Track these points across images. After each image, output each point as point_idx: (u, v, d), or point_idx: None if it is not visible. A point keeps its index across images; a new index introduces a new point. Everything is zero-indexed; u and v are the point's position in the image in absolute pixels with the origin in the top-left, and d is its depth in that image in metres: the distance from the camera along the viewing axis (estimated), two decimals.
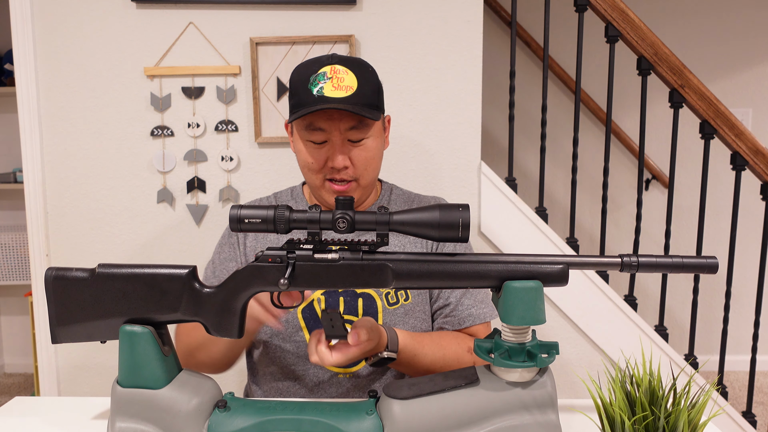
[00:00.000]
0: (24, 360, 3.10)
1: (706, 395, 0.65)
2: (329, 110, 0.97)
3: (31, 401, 0.93)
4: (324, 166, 1.02)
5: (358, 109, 0.96)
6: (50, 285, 0.77)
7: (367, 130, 1.01)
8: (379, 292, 1.07)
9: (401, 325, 1.06)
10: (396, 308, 1.06)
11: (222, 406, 0.77)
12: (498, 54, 2.78)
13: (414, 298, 1.08)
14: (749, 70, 3.00)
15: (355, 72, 1.00)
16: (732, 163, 1.81)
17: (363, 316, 1.06)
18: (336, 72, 0.99)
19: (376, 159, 1.05)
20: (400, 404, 0.75)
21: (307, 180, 1.08)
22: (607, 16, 1.70)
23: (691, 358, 1.86)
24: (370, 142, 1.03)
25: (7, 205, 2.96)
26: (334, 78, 0.98)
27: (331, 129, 0.99)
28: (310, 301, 1.06)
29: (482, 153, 1.66)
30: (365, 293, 1.06)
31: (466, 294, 1.10)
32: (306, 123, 1.00)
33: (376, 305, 1.06)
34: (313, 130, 1.00)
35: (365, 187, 1.07)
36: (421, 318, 1.09)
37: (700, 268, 0.74)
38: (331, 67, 1.00)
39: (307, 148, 1.03)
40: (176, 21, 1.60)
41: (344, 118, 0.98)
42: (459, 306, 1.09)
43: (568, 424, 0.83)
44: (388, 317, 1.06)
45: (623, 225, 3.06)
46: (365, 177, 1.05)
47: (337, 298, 1.06)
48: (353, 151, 1.01)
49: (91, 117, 1.63)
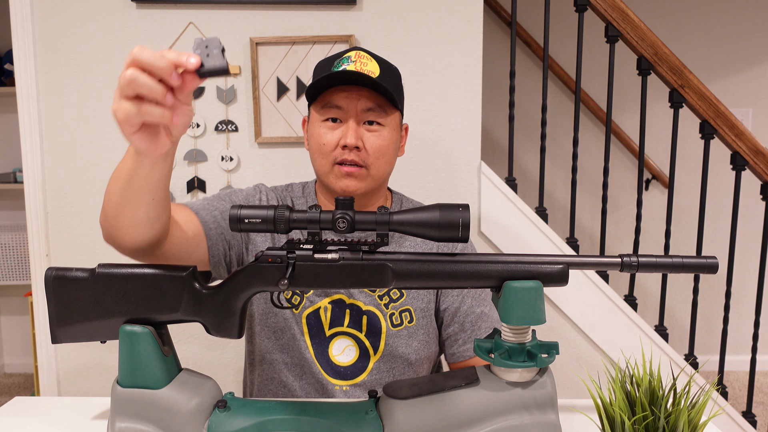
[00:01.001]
0: (24, 360, 3.10)
1: (706, 395, 0.65)
2: (348, 89, 0.98)
3: (31, 401, 0.93)
4: (336, 147, 0.99)
5: (378, 87, 0.96)
6: (50, 285, 0.77)
7: (384, 116, 1.00)
8: (384, 313, 1.04)
9: (404, 348, 1.05)
10: (400, 330, 1.05)
11: (222, 406, 0.77)
12: (498, 54, 2.78)
13: (418, 321, 1.06)
14: (749, 70, 3.00)
15: (378, 62, 1.01)
16: (732, 163, 1.81)
17: (367, 332, 1.04)
18: (360, 57, 1.00)
19: (389, 152, 1.03)
20: (400, 404, 0.74)
21: (318, 166, 1.03)
22: (607, 16, 1.71)
23: (691, 358, 1.86)
24: (386, 133, 1.01)
25: (7, 205, 2.96)
26: (358, 62, 0.99)
27: (348, 107, 0.98)
28: (316, 308, 1.04)
29: (482, 153, 1.66)
30: (370, 311, 1.04)
31: (481, 317, 1.07)
32: (324, 101, 1.00)
33: (380, 324, 1.04)
34: (330, 108, 0.99)
35: (375, 180, 1.02)
36: (424, 341, 1.07)
37: (700, 268, 0.74)
38: (357, 52, 1.01)
39: (321, 129, 1.01)
40: (176, 21, 1.60)
41: (362, 98, 0.98)
42: (477, 331, 1.07)
43: (568, 424, 0.83)
44: (392, 339, 1.04)
45: (623, 225, 3.07)
46: (376, 167, 1.01)
47: (344, 311, 1.04)
48: (367, 135, 1.00)
49: (91, 117, 1.63)
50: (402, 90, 1.06)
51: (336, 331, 1.04)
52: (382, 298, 1.04)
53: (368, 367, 1.04)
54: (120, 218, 0.78)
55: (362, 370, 1.04)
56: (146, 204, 0.76)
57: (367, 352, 1.04)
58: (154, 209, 0.77)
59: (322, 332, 1.04)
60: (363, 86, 0.98)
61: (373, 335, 1.04)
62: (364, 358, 1.04)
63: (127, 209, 0.77)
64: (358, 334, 1.04)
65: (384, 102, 1.00)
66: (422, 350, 1.07)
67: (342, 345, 1.04)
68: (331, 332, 1.04)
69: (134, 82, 0.62)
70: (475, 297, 1.08)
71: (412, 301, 1.06)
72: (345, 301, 1.04)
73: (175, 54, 0.63)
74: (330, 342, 1.04)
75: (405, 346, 1.05)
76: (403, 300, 1.05)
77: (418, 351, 1.06)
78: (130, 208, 0.76)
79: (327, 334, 1.04)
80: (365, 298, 1.04)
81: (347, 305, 1.04)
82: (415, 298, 1.06)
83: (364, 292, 1.04)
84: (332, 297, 1.04)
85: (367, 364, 1.04)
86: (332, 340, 1.04)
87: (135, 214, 0.77)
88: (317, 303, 1.04)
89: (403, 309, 1.05)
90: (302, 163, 1.65)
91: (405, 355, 1.05)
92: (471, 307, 1.07)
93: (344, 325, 1.04)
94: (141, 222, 0.77)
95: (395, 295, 1.05)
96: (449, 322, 1.08)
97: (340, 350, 1.04)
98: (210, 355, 1.72)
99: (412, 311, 1.05)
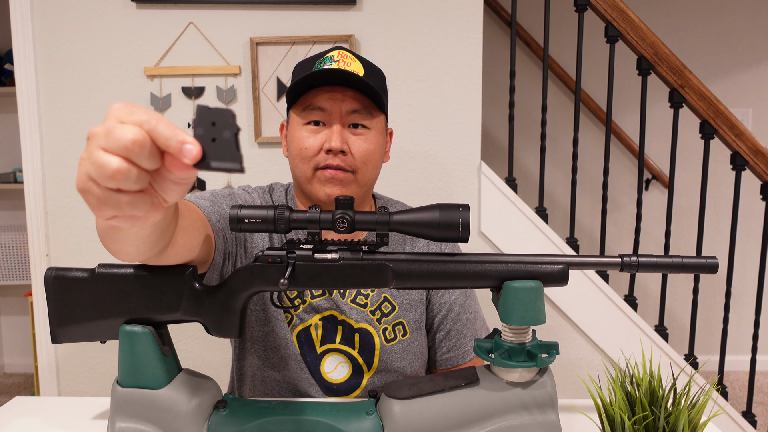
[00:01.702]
0: (24, 360, 3.10)
1: (706, 395, 0.65)
2: (331, 90, 0.93)
3: (31, 401, 0.93)
4: (319, 151, 0.94)
5: (365, 86, 0.91)
6: (50, 285, 0.77)
7: (370, 119, 0.96)
8: (377, 329, 1.01)
9: (399, 362, 1.02)
10: (394, 344, 1.02)
11: (222, 406, 0.77)
12: (498, 54, 2.78)
13: (412, 334, 1.04)
14: (749, 70, 3.00)
15: (362, 63, 0.97)
16: (732, 163, 1.81)
17: (360, 349, 1.01)
18: (343, 57, 0.96)
19: (376, 156, 0.98)
20: (400, 404, 0.74)
21: (298, 173, 0.97)
22: (607, 16, 1.71)
23: (691, 358, 1.86)
24: (373, 136, 0.97)
25: (7, 205, 2.96)
26: (341, 61, 0.94)
27: (332, 109, 0.94)
28: (306, 326, 1.01)
29: (482, 153, 1.66)
30: (362, 328, 1.01)
31: (467, 325, 1.06)
32: (305, 103, 0.95)
33: (373, 341, 1.01)
34: (312, 110, 0.94)
35: (361, 186, 0.98)
36: (418, 353, 1.05)
37: (700, 268, 0.74)
38: (340, 52, 0.97)
39: (302, 133, 0.95)
40: (176, 21, 1.60)
41: (347, 99, 0.94)
42: (462, 339, 1.06)
43: (568, 424, 0.83)
44: (386, 355, 1.02)
45: (623, 225, 3.07)
46: (363, 172, 0.96)
47: (335, 328, 1.01)
48: (353, 139, 0.95)
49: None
50: (386, 92, 1.02)
51: (328, 348, 1.01)
52: (374, 313, 1.02)
53: (362, 384, 1.01)
54: (107, 245, 0.66)
55: (356, 387, 1.02)
56: (136, 246, 0.63)
57: (361, 369, 1.02)
58: (149, 247, 0.64)
59: (314, 350, 1.01)
60: (347, 87, 0.94)
61: (366, 352, 1.01)
62: (357, 375, 1.02)
63: (112, 246, 0.65)
64: (351, 351, 1.01)
65: (369, 104, 0.96)
66: (416, 362, 1.05)
67: (334, 362, 1.01)
68: (323, 349, 1.01)
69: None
70: (462, 305, 1.07)
71: (405, 313, 1.03)
72: (336, 317, 1.01)
73: (171, 131, 0.44)
74: (322, 359, 1.01)
75: (399, 360, 1.03)
76: (396, 313, 1.03)
77: (412, 363, 1.04)
78: (117, 246, 0.64)
79: (318, 351, 1.01)
80: (357, 315, 1.01)
81: (339, 321, 1.01)
82: (408, 309, 1.04)
83: (355, 309, 1.01)
84: (323, 314, 1.01)
85: (361, 381, 1.02)
86: (324, 357, 1.01)
87: (122, 249, 0.65)
88: (308, 321, 1.00)
89: (396, 322, 1.03)
90: None
91: (400, 369, 1.03)
92: (458, 314, 1.06)
93: (336, 342, 1.01)
94: (132, 253, 0.65)
95: (387, 308, 1.02)
96: (435, 330, 1.07)
97: (332, 367, 1.01)
98: (210, 355, 1.72)
99: (405, 324, 1.03)
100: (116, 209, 0.46)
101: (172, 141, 0.44)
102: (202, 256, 0.83)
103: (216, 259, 0.88)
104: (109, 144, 0.43)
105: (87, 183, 0.45)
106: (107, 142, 0.43)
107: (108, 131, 0.43)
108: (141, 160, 0.44)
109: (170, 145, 0.44)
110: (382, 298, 1.02)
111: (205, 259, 0.84)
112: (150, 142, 0.44)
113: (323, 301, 1.00)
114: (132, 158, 0.43)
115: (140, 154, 0.43)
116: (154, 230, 0.61)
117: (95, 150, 0.44)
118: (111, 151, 0.43)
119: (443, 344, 1.07)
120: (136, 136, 0.43)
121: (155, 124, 0.44)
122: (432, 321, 1.07)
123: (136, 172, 0.44)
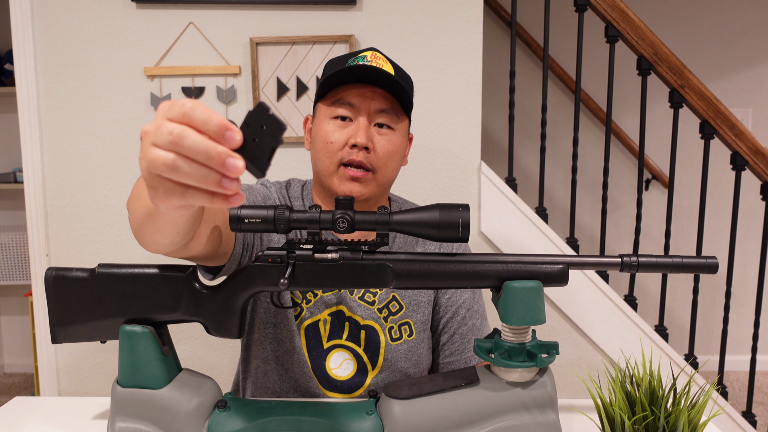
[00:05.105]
0: (24, 360, 3.10)
1: (706, 395, 0.65)
2: (362, 87, 0.95)
3: (31, 401, 0.93)
4: (344, 146, 0.95)
5: (396, 85, 0.93)
6: (50, 285, 0.77)
7: (396, 121, 0.98)
8: (383, 327, 1.02)
9: (403, 362, 1.02)
10: (399, 344, 1.02)
11: (222, 406, 0.77)
12: (498, 54, 2.78)
13: (418, 335, 1.03)
14: (749, 70, 3.00)
15: (393, 66, 0.99)
16: (732, 163, 1.81)
17: (365, 347, 1.02)
18: (376, 57, 0.97)
19: (397, 158, 0.99)
20: (400, 404, 0.74)
21: (322, 166, 0.98)
22: (607, 16, 1.71)
23: (691, 358, 1.86)
24: (396, 138, 0.98)
25: (7, 205, 2.96)
26: (374, 61, 0.96)
27: (360, 106, 0.95)
28: (315, 320, 1.01)
29: (482, 153, 1.66)
30: (368, 325, 1.01)
31: (472, 330, 1.06)
32: (335, 97, 0.96)
33: (379, 339, 1.02)
34: (341, 105, 0.96)
35: (380, 185, 0.99)
36: (424, 355, 1.05)
37: (700, 268, 0.74)
38: (373, 52, 0.98)
39: (329, 127, 0.96)
40: (176, 21, 1.60)
41: (377, 98, 0.96)
42: (465, 344, 1.06)
43: (568, 424, 0.83)
44: (391, 353, 1.02)
45: (623, 225, 3.07)
46: (383, 172, 0.98)
47: (343, 323, 1.02)
48: (377, 138, 0.96)
49: (91, 117, 1.63)
50: (412, 98, 1.03)
51: (334, 344, 1.02)
52: (381, 311, 1.02)
53: (366, 382, 1.01)
54: (141, 236, 0.73)
55: (360, 385, 1.02)
56: (170, 236, 0.70)
57: (365, 367, 1.02)
58: (180, 236, 0.71)
59: (320, 344, 1.01)
60: (378, 86, 0.96)
61: (371, 350, 1.02)
62: (361, 373, 1.02)
63: (148, 236, 0.71)
64: (357, 349, 1.01)
65: (397, 106, 0.98)
66: (421, 363, 1.05)
67: (340, 358, 1.01)
68: (329, 344, 1.02)
69: (179, 145, 0.47)
70: (469, 309, 1.07)
71: (412, 313, 1.03)
72: (344, 313, 1.02)
73: (206, 115, 0.47)
74: (328, 355, 1.02)
75: (404, 360, 1.03)
76: (403, 313, 1.03)
77: (417, 364, 1.04)
78: (152, 235, 0.71)
79: (325, 347, 1.02)
80: (364, 312, 1.01)
81: (346, 317, 1.01)
82: (415, 310, 1.04)
83: (362, 306, 1.01)
84: (332, 309, 1.01)
85: (365, 380, 1.02)
86: (330, 352, 1.02)
87: (156, 239, 0.71)
88: (317, 315, 1.01)
89: (403, 322, 1.03)
90: (302, 163, 1.65)
91: (404, 369, 1.03)
92: (464, 318, 1.06)
93: (343, 338, 1.01)
94: (165, 244, 0.72)
95: (394, 307, 1.03)
96: (440, 332, 1.07)
97: (338, 364, 1.02)
98: (210, 355, 1.72)
99: (411, 324, 1.03)
100: (181, 198, 0.50)
101: (210, 125, 0.47)
102: (217, 248, 0.85)
103: (236, 250, 0.89)
104: (157, 139, 0.48)
105: (151, 179, 0.50)
106: (156, 138, 0.48)
107: (156, 128, 0.48)
108: (186, 151, 0.47)
109: (209, 128, 0.47)
110: (390, 296, 1.02)
111: (218, 251, 0.86)
112: (191, 131, 0.47)
113: (333, 297, 1.01)
114: (178, 150, 0.47)
115: (183, 144, 0.47)
116: (188, 219, 0.67)
117: (147, 147, 0.49)
118: (160, 145, 0.48)
119: (446, 347, 1.07)
120: (173, 129, 0.47)
121: (190, 112, 0.47)
122: (437, 323, 1.07)
123: (184, 163, 0.47)
